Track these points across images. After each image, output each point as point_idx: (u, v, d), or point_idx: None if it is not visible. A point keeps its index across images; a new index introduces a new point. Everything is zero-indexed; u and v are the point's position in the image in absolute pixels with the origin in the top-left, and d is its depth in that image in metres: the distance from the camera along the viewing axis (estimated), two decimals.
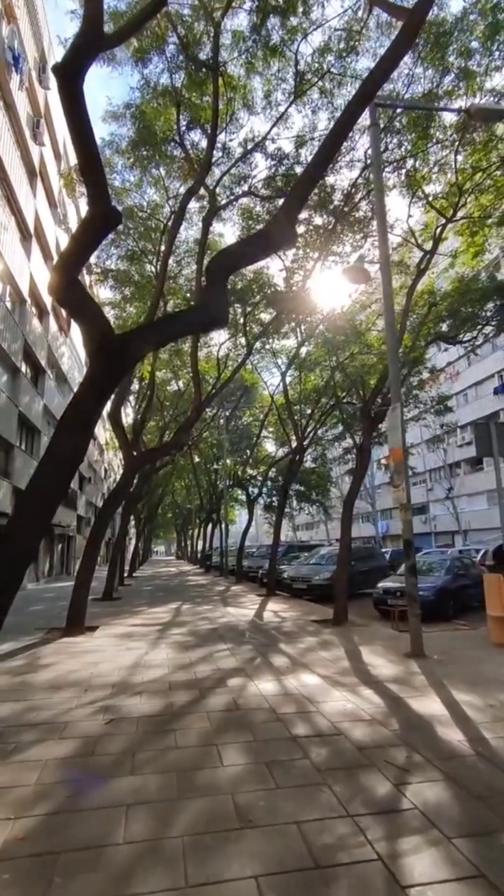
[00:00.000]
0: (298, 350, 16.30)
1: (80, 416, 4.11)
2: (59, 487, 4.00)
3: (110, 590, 15.42)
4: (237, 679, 5.85)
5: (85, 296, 4.57)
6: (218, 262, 4.67)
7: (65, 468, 4.01)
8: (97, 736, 4.11)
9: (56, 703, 5.02)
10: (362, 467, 10.64)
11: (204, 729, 4.23)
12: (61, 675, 6.11)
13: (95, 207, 4.58)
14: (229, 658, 6.99)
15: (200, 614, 11.67)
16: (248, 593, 16.80)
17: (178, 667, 6.50)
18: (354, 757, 3.61)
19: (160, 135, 14.11)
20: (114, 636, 8.87)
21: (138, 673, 6.22)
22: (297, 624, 10.10)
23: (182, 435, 12.37)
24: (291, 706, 4.82)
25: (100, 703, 5.01)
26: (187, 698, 5.13)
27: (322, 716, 4.52)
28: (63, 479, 4.02)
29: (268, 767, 3.46)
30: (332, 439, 25.37)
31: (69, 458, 4.00)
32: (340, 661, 6.82)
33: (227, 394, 26.27)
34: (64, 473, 4.02)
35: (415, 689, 5.37)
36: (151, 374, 17.38)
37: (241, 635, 8.80)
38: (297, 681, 5.76)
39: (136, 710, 4.74)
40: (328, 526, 61.17)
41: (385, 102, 9.79)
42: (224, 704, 4.89)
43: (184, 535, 61.48)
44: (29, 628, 9.81)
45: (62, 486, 4.03)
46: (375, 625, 10.00)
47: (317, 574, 15.56)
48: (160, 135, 14.11)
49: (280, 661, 6.81)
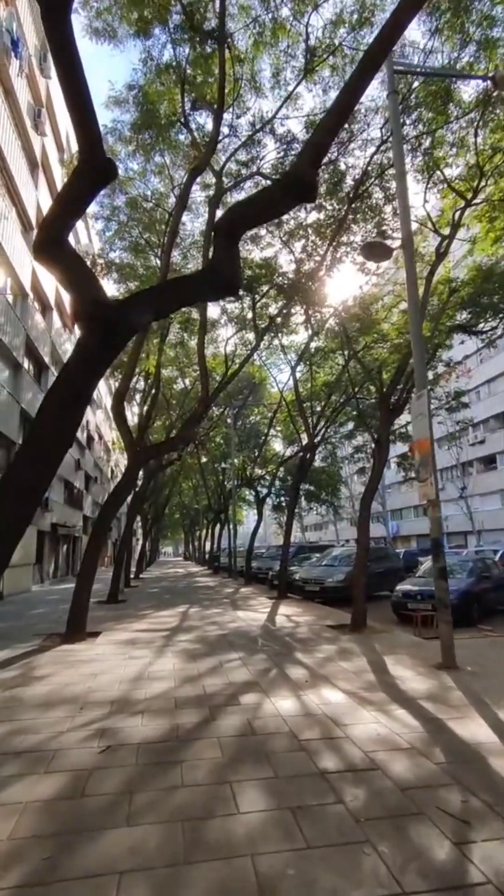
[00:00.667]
0: (309, 343, 15.65)
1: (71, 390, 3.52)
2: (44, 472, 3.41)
3: (115, 592, 14.86)
4: (251, 695, 5.22)
5: (74, 256, 3.98)
6: (229, 219, 4.07)
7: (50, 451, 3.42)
8: (90, 769, 3.49)
9: (46, 724, 4.42)
10: (380, 462, 9.98)
11: (215, 760, 3.61)
12: (56, 690, 5.51)
13: (88, 160, 3.99)
14: (241, 669, 6.36)
15: (209, 618, 11.05)
16: (257, 596, 16.17)
17: (185, 679, 5.89)
18: (398, 801, 2.97)
19: (164, 118, 13.55)
20: (116, 643, 8.27)
21: (141, 687, 5.61)
22: (313, 630, 9.46)
23: (188, 429, 11.77)
24: (315, 730, 4.19)
25: (96, 724, 4.39)
26: (195, 719, 4.51)
27: (352, 743, 3.88)
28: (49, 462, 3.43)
29: (294, 816, 2.83)
30: (343, 436, 24.70)
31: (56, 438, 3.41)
32: (364, 673, 6.17)
33: (234, 391, 25.70)
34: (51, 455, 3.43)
35: (453, 709, 4.72)
36: (157, 370, 16.82)
37: (253, 642, 8.17)
38: (319, 697, 5.13)
39: (137, 735, 4.13)
40: (337, 526, 60.39)
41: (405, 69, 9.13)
42: (237, 727, 4.27)
43: (191, 536, 60.96)
44: (27, 634, 9.23)
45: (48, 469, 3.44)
46: (396, 631, 9.34)
47: (330, 576, 14.90)
48: (164, 118, 13.55)
49: (297, 672, 6.17)
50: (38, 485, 3.44)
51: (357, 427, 20.52)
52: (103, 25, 10.83)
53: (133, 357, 10.48)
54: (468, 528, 40.75)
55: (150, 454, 12.68)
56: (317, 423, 15.84)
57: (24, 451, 3.40)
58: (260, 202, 3.94)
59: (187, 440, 12.27)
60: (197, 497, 44.54)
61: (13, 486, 3.22)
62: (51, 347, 22.67)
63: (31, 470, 3.33)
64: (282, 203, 3.93)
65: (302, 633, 9.03)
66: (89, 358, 3.64)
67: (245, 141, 11.72)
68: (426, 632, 8.95)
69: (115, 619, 11.21)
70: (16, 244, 16.98)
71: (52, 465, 3.57)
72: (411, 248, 7.63)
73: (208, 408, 12.91)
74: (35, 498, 3.39)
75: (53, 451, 3.51)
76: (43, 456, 3.45)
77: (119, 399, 10.79)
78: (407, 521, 52.43)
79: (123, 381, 10.73)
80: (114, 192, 16.33)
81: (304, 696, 5.16)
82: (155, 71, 12.18)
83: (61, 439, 3.54)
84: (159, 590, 19.52)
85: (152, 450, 13.35)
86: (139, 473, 17.17)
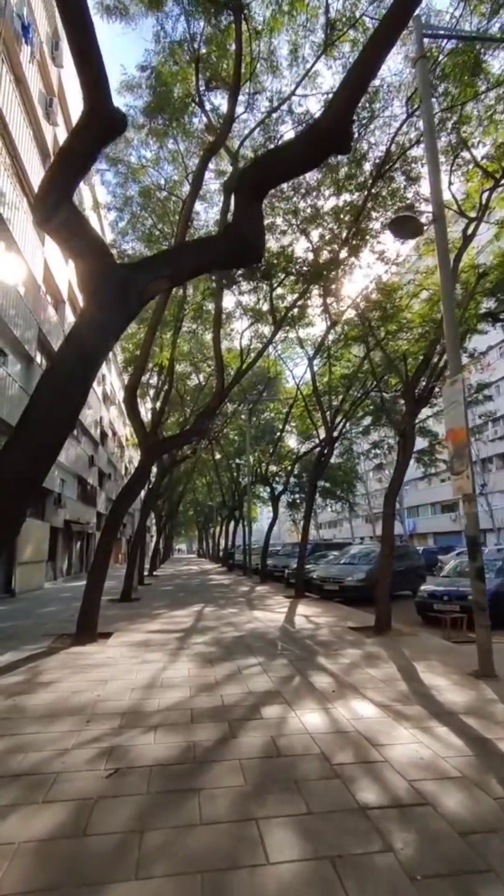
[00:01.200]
0: (327, 334, 15.10)
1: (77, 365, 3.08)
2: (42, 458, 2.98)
3: (128, 590, 14.51)
4: (274, 707, 4.75)
5: (77, 216, 3.53)
6: (252, 173, 3.59)
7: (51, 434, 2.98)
8: (94, 798, 3.05)
9: (49, 739, 4.00)
10: (406, 455, 9.43)
11: (237, 789, 3.15)
12: (62, 698, 5.10)
13: (93, 109, 3.53)
14: (261, 676, 5.90)
15: (225, 619, 10.62)
16: (274, 594, 15.70)
17: (201, 688, 5.44)
18: (460, 852, 2.48)
19: (178, 100, 13.10)
20: (129, 645, 7.87)
21: (153, 696, 5.17)
22: (334, 632, 8.96)
23: (202, 421, 11.31)
24: (348, 751, 3.71)
25: (103, 741, 3.96)
26: (213, 735, 4.06)
27: (393, 769, 3.40)
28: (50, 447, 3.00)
29: (334, 868, 2.35)
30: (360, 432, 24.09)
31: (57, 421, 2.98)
32: (394, 681, 5.67)
33: (248, 387, 25.21)
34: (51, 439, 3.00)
35: (500, 727, 4.20)
36: (170, 364, 16.40)
37: (272, 646, 7.70)
38: (349, 710, 4.64)
39: (149, 755, 3.68)
40: (353, 524, 59.64)
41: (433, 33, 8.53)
42: (261, 747, 3.80)
43: (205, 533, 60.71)
44: (36, 634, 8.88)
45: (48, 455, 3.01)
46: (423, 634, 8.80)
47: (349, 574, 14.37)
48: (178, 100, 13.10)
49: (322, 680, 5.69)
50: (34, 474, 3.00)
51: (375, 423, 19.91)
52: (114, 2, 10.41)
53: (146, 347, 10.06)
54: (488, 525, 39.78)
55: (163, 447, 12.26)
56: (334, 418, 15.30)
57: (19, 434, 2.96)
58: (288, 154, 3.44)
59: (201, 433, 11.82)
60: (211, 494, 44.22)
61: (4, 475, 2.79)
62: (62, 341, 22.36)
63: (25, 456, 2.89)
64: (314, 154, 3.43)
65: (323, 636, 8.54)
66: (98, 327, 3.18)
67: (262, 119, 11.19)
68: (456, 635, 8.41)
69: (127, 618, 10.83)
70: (28, 235, 16.67)
71: (52, 450, 3.14)
72: (443, 224, 7.08)
73: (223, 400, 12.44)
74: (31, 489, 2.96)
75: (54, 434, 3.07)
76: (41, 440, 3.01)
77: (131, 391, 10.37)
78: (423, 518, 51.52)
79: (135, 372, 10.31)
80: (126, 182, 15.96)
81: (333, 709, 4.68)
82: (168, 49, 11.73)
83: (63, 422, 3.11)
84: (173, 588, 19.16)
85: (166, 443, 12.93)
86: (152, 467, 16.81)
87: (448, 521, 46.57)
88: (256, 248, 3.67)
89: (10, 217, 15.08)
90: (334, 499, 31.83)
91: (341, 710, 4.65)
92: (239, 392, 24.36)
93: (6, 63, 14.62)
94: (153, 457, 10.78)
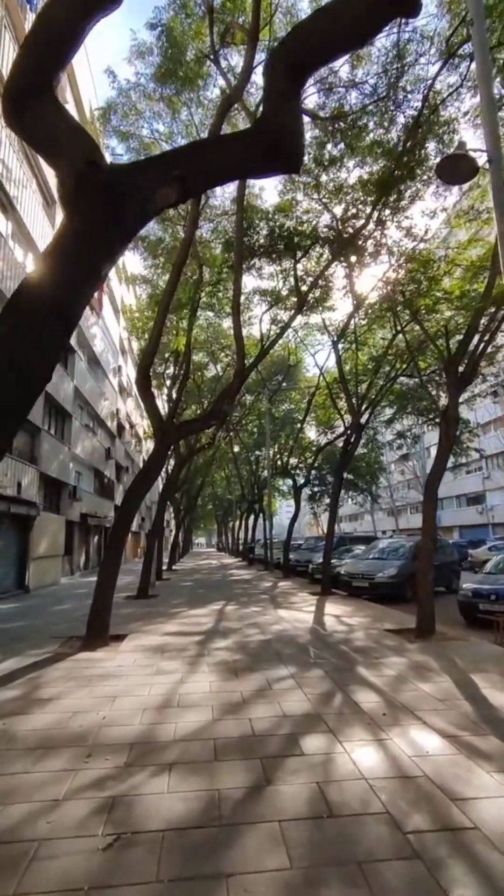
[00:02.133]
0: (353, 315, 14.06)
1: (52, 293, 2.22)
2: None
3: (145, 586, 13.79)
4: (315, 737, 3.88)
5: (59, 111, 2.66)
6: (289, 45, 2.67)
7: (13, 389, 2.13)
8: (84, 888, 2.22)
9: (37, 784, 3.19)
10: (448, 439, 8.43)
11: (280, 877, 2.28)
12: (60, 722, 4.29)
13: None
14: (295, 692, 5.03)
15: (248, 618, 9.78)
16: (298, 591, 14.82)
17: (225, 708, 4.59)
18: None
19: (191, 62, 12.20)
20: (143, 650, 7.07)
21: (169, 718, 4.34)
22: (371, 635, 8.05)
23: (222, 402, 10.42)
24: (422, 810, 2.82)
25: (105, 787, 3.13)
26: (243, 780, 3.20)
27: (489, 843, 2.49)
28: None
29: None
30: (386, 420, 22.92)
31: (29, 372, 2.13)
32: (455, 700, 4.75)
33: (268, 376, 24.27)
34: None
35: None
36: (187, 350, 15.58)
37: (304, 652, 6.83)
38: (408, 742, 3.75)
39: (161, 812, 2.84)
40: (374, 517, 58.35)
41: None
42: (306, 801, 2.93)
43: (224, 527, 60.05)
44: (44, 637, 8.15)
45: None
46: (472, 638, 7.82)
47: (380, 570, 13.41)
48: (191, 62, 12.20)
49: (368, 699, 4.80)
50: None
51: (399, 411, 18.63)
52: None
53: (158, 326, 9.20)
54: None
55: (180, 432, 11.43)
56: (361, 403, 14.30)
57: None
58: (341, 12, 2.51)
59: (221, 416, 10.95)
60: (230, 487, 43.45)
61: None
62: (77, 330, 21.69)
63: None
64: (376, 13, 2.50)
65: (359, 640, 7.63)
66: (82, 245, 2.32)
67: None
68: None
69: (143, 617, 10.08)
70: (37, 217, 15.95)
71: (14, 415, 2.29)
72: (500, 164, 6.04)
73: (244, 381, 11.55)
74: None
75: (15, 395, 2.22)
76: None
77: (144, 373, 9.54)
78: (449, 510, 49.98)
79: (147, 352, 9.47)
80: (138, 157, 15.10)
81: (388, 741, 3.79)
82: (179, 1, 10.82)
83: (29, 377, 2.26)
84: (192, 583, 18.42)
85: (183, 427, 12.09)
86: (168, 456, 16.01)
87: (474, 513, 45.05)
88: (294, 151, 2.76)
89: (18, 195, 14.35)
90: (357, 491, 30.75)
91: (399, 743, 3.75)
92: (258, 381, 23.46)
93: (10, 31, 13.86)
94: (169, 442, 9.94)
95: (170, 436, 9.70)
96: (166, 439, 9.28)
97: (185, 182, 2.59)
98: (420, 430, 28.72)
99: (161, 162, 2.74)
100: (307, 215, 12.84)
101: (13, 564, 15.40)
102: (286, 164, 2.81)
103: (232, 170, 2.81)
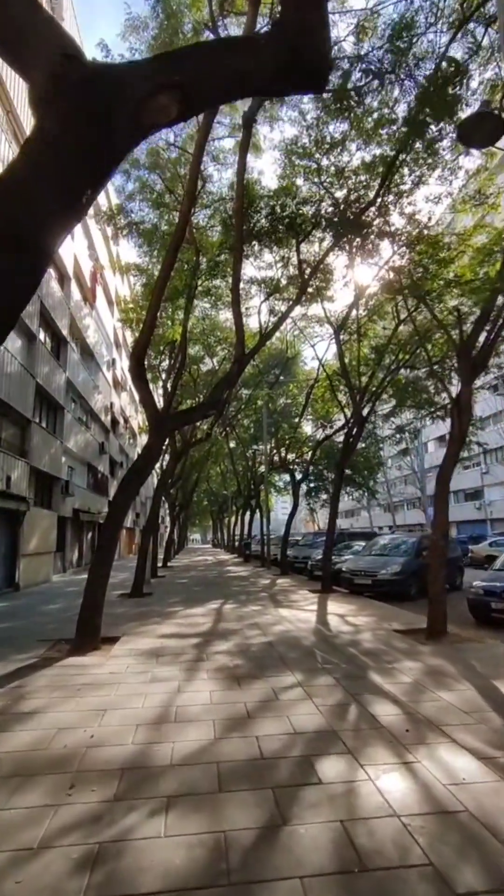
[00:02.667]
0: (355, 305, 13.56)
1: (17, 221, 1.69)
2: None
3: (140, 584, 13.28)
4: (333, 760, 3.39)
5: (32, 3, 2.12)
6: None
7: None
8: None
9: (9, 824, 2.68)
10: (462, 429, 7.96)
11: None
12: (42, 740, 3.78)
13: None
14: (305, 704, 4.54)
15: (247, 618, 9.29)
16: (298, 588, 14.35)
17: (228, 723, 4.09)
18: None
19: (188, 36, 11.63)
20: (137, 654, 6.57)
21: (166, 736, 3.85)
22: (379, 636, 7.58)
23: (220, 391, 9.90)
24: (471, 859, 2.33)
25: (89, 830, 2.63)
26: (253, 818, 2.71)
27: None
28: None
29: None
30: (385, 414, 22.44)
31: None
32: (482, 712, 4.28)
33: (265, 369, 23.72)
34: None
35: None
36: (183, 338, 15.00)
37: (310, 656, 6.35)
38: (439, 766, 3.27)
39: (156, 865, 2.34)
40: (371, 513, 58.02)
41: None
42: (330, 848, 2.44)
43: (220, 523, 59.53)
44: (31, 639, 7.62)
45: None
46: (487, 640, 7.37)
47: (383, 567, 12.96)
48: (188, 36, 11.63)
49: (387, 711, 4.32)
50: None
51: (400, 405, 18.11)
52: None
53: (154, 302, 8.64)
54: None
55: (175, 423, 10.89)
56: (363, 395, 13.81)
57: None
58: None
59: (219, 405, 10.42)
60: (226, 483, 42.91)
61: None
62: (69, 320, 21.05)
63: None
64: None
65: (368, 642, 7.16)
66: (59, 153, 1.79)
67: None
68: None
69: (138, 617, 9.57)
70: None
71: None
72: None
73: (243, 368, 11.03)
74: None
75: None
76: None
77: (138, 359, 8.97)
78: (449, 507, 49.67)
79: (141, 338, 8.90)
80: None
81: (416, 764, 3.31)
82: None
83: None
84: (188, 581, 17.91)
85: (179, 417, 11.55)
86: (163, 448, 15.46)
87: (472, 509, 44.77)
88: (316, 52, 2.24)
89: None
90: (354, 486, 30.31)
91: (429, 767, 3.27)
92: (255, 374, 22.90)
93: None
94: (164, 433, 9.41)
95: (165, 426, 9.16)
96: (161, 430, 8.74)
97: (184, 91, 2.06)
98: (420, 423, 28.27)
99: (157, 62, 2.21)
100: (309, 199, 12.31)
101: (2, 561, 14.84)
102: (307, 79, 2.29)
103: (242, 82, 2.28)
